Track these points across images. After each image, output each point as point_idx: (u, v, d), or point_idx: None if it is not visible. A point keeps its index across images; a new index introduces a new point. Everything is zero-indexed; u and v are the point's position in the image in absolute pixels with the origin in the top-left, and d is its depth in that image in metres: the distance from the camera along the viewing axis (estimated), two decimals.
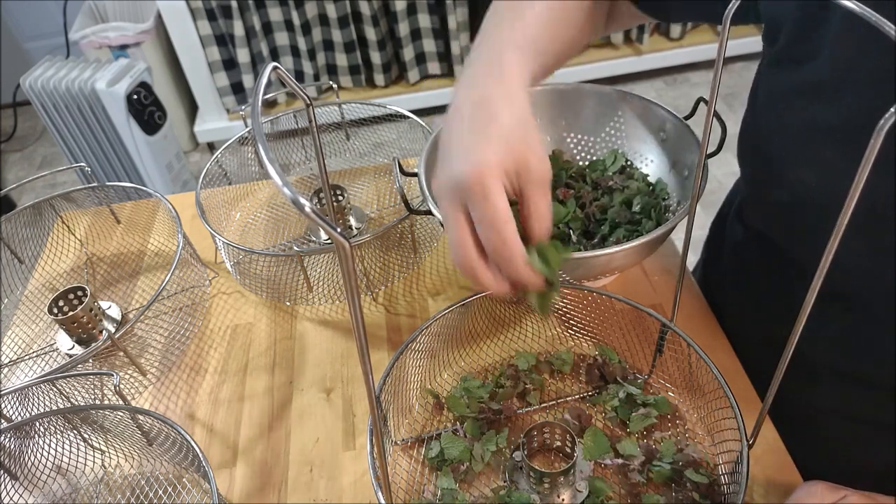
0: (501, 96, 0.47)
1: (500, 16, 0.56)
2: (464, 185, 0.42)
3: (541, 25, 0.56)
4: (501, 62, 0.50)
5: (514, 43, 0.52)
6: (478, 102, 0.47)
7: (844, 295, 0.54)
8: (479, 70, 0.50)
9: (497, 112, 0.45)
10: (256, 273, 0.76)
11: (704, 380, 0.57)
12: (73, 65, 2.02)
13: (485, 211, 0.42)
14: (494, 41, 0.53)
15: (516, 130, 0.45)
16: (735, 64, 2.63)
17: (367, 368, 0.35)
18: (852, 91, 0.46)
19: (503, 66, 0.50)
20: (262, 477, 0.62)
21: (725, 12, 0.38)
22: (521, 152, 0.44)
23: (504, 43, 0.52)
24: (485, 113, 0.45)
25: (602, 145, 0.79)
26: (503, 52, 0.51)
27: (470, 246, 0.43)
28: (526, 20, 0.55)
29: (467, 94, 0.48)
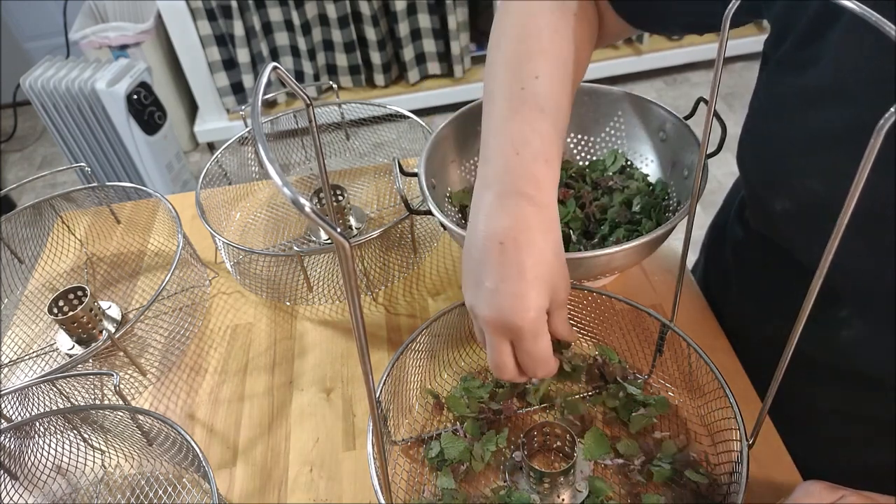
0: (542, 227, 0.47)
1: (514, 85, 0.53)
2: (514, 327, 0.45)
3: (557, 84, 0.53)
4: (536, 178, 0.48)
5: (544, 152, 0.49)
6: (520, 233, 0.46)
7: (846, 295, 0.54)
8: (510, 181, 0.48)
9: (542, 248, 0.46)
10: (256, 273, 0.76)
11: (704, 380, 0.57)
12: (73, 65, 2.02)
13: (534, 350, 0.46)
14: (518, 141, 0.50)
15: (557, 266, 0.47)
16: (735, 64, 2.63)
17: (367, 368, 0.35)
18: (859, 97, 0.46)
19: (538, 183, 0.48)
20: (262, 477, 0.62)
21: (725, 12, 0.38)
22: (558, 286, 0.47)
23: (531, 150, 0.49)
24: (531, 248, 0.46)
25: (602, 145, 0.79)
26: (536, 165, 0.49)
27: (513, 368, 0.48)
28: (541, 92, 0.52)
29: (504, 211, 0.47)
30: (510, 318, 0.45)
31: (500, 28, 0.58)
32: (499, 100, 0.53)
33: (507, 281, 0.45)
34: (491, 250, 0.46)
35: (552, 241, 0.47)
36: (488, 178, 0.49)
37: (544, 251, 0.46)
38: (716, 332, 0.69)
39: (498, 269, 0.45)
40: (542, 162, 0.49)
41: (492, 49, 0.57)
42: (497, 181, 0.49)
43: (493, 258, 0.46)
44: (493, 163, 0.50)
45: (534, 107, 0.51)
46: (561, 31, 0.55)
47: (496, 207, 0.47)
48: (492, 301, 0.45)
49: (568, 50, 0.55)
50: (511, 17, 0.57)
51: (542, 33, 0.55)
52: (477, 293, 0.47)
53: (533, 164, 0.49)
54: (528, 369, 0.48)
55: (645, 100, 0.74)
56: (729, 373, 0.65)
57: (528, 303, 0.45)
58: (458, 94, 2.46)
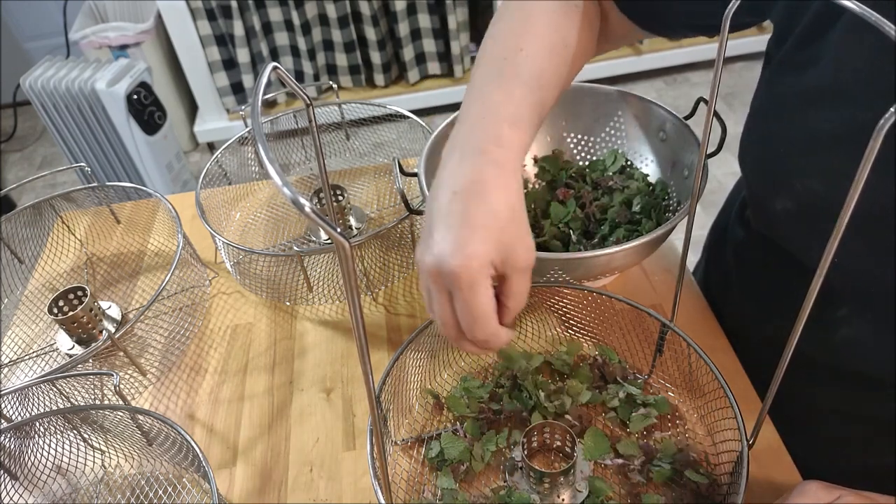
0: (497, 183, 0.46)
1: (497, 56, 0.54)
2: (451, 275, 0.43)
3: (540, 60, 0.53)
4: (499, 138, 0.48)
5: (511, 115, 0.50)
6: (473, 184, 0.45)
7: (845, 295, 0.54)
8: (474, 141, 0.48)
9: (492, 201, 0.45)
10: (256, 273, 0.76)
11: (704, 380, 0.57)
12: (73, 65, 2.02)
13: (469, 304, 0.44)
14: (489, 104, 0.50)
15: (509, 222, 0.45)
16: (735, 64, 2.63)
17: (367, 368, 0.35)
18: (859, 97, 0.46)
19: (501, 142, 0.48)
20: (262, 477, 0.62)
21: (725, 12, 0.38)
22: (511, 244, 0.45)
23: (500, 112, 0.50)
24: (480, 200, 0.45)
25: (602, 145, 0.79)
26: (500, 126, 0.49)
27: (454, 325, 0.46)
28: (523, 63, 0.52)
29: (461, 168, 0.47)
30: (447, 263, 0.43)
31: (497, 18, 0.59)
32: (481, 68, 0.54)
33: (451, 229, 0.44)
34: (442, 201, 0.46)
35: (507, 198, 0.46)
36: (455, 139, 0.50)
37: (496, 205, 0.45)
38: (716, 332, 0.69)
39: (446, 219, 0.45)
40: (508, 124, 0.49)
41: (489, 31, 0.58)
42: (462, 141, 0.49)
43: (443, 208, 0.45)
44: (462, 124, 0.50)
45: (512, 75, 0.51)
46: (557, 22, 0.56)
47: (457, 164, 0.47)
48: (434, 248, 0.44)
49: (560, 38, 0.55)
50: (510, 10, 0.58)
51: (539, 20, 0.55)
52: (424, 245, 0.46)
53: (498, 126, 0.48)
54: (466, 326, 0.45)
55: (645, 100, 0.74)
56: (729, 373, 0.65)
57: (467, 250, 0.43)
58: (458, 94, 2.46)
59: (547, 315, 0.69)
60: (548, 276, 0.63)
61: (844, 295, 0.54)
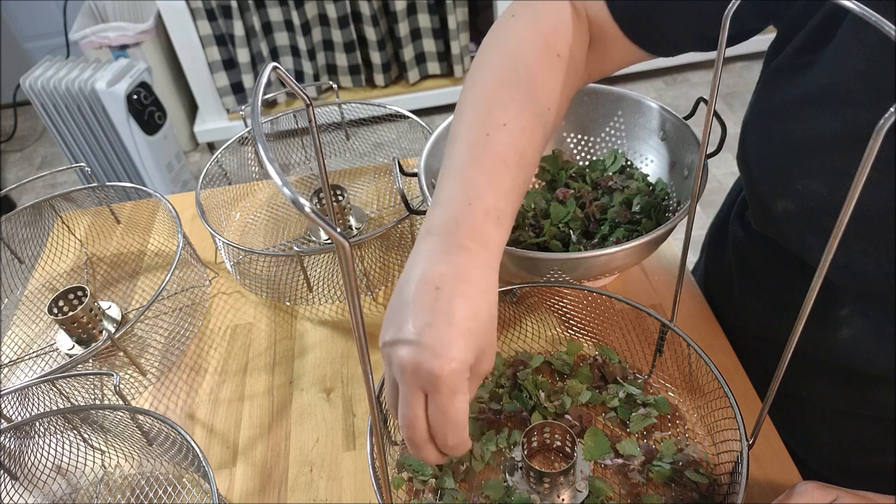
0: (482, 285, 0.44)
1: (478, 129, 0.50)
2: (433, 377, 0.41)
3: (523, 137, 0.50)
4: (484, 236, 0.45)
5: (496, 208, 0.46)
6: (458, 283, 0.43)
7: (847, 294, 0.54)
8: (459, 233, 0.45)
9: (477, 304, 0.43)
10: (256, 273, 0.76)
11: (704, 380, 0.57)
12: (73, 65, 2.02)
13: (449, 409, 0.41)
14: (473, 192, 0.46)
15: (488, 328, 0.44)
16: (735, 64, 2.63)
17: (367, 368, 0.35)
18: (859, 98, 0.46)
19: (486, 241, 0.45)
20: (262, 477, 0.62)
21: (725, 12, 0.38)
22: (484, 350, 0.43)
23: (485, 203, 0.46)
24: (465, 300, 0.42)
25: (602, 145, 0.79)
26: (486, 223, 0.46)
27: (424, 429, 0.43)
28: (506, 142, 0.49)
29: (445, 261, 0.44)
30: (430, 364, 0.40)
31: (479, 63, 0.55)
32: (461, 142, 0.50)
33: (434, 326, 0.41)
34: (424, 293, 0.42)
35: (489, 302, 0.44)
36: (434, 224, 0.46)
37: (480, 308, 0.43)
38: (716, 332, 0.69)
39: (428, 314, 0.42)
40: (494, 219, 0.46)
41: (467, 84, 0.54)
42: (443, 229, 0.45)
43: (424, 301, 0.42)
44: (443, 209, 0.46)
45: (495, 156, 0.48)
46: (540, 76, 0.53)
47: (437, 254, 0.44)
48: (413, 344, 0.41)
49: (545, 97, 0.52)
50: (492, 54, 0.54)
51: (520, 76, 0.52)
52: (398, 335, 0.42)
53: (483, 220, 0.45)
54: (438, 431, 0.42)
55: (645, 100, 0.74)
56: (729, 373, 0.65)
57: (453, 352, 0.40)
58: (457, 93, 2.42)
59: (547, 315, 0.69)
60: (548, 276, 0.63)
61: (846, 294, 0.54)
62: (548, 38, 0.54)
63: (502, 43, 0.55)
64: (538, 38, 0.54)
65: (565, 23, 0.55)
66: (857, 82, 0.46)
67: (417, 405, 0.42)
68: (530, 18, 0.55)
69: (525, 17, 0.56)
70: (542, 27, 0.54)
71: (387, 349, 0.43)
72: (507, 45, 0.54)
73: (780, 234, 0.58)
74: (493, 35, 0.56)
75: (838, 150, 0.47)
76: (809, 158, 0.50)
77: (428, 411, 0.42)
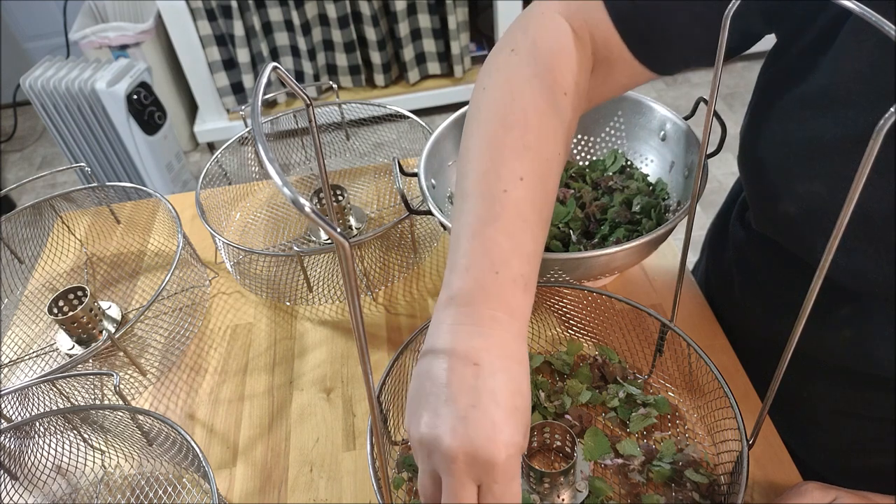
0: (522, 360, 0.41)
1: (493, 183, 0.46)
2: (489, 466, 0.37)
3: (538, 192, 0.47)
4: (513, 306, 0.43)
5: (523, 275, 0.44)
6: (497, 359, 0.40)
7: (849, 295, 0.54)
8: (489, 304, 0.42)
9: (519, 381, 0.40)
10: (256, 273, 0.76)
11: (704, 380, 0.57)
12: (73, 65, 2.02)
13: (506, 496, 0.38)
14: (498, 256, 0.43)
15: (526, 405, 0.41)
16: (735, 64, 2.63)
17: (367, 368, 0.35)
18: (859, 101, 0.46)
19: (514, 311, 0.43)
20: (262, 477, 0.62)
21: (726, 12, 0.38)
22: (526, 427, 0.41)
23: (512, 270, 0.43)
24: (508, 378, 0.40)
25: (602, 145, 0.79)
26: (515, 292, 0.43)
27: None
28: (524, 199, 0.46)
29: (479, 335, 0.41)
30: (485, 452, 0.37)
31: (479, 104, 0.52)
32: (475, 197, 0.46)
33: (480, 408, 0.38)
34: (461, 371, 0.39)
35: (526, 374, 0.42)
36: (458, 293, 0.43)
37: (521, 382, 0.40)
38: (716, 332, 0.69)
39: (470, 394, 0.38)
40: (521, 287, 0.43)
41: (469, 127, 0.51)
42: (470, 300, 0.42)
43: (464, 380, 0.39)
44: (467, 277, 0.43)
45: (516, 215, 0.45)
46: (546, 116, 0.49)
47: (467, 326, 0.41)
48: (461, 429, 0.37)
49: (557, 140, 0.49)
50: (492, 94, 0.51)
51: (528, 121, 0.48)
52: (437, 421, 0.38)
53: (512, 290, 0.43)
54: None
55: (645, 100, 0.74)
56: (729, 373, 0.65)
57: (506, 436, 0.38)
58: (458, 94, 2.46)
59: (547, 315, 0.69)
60: (548, 276, 0.63)
61: (847, 295, 0.54)
62: (553, 75, 0.51)
63: (503, 83, 0.51)
64: (543, 75, 0.50)
65: (568, 52, 0.52)
66: (857, 84, 0.46)
67: (469, 497, 0.38)
68: (531, 52, 0.52)
69: (525, 51, 0.52)
70: (546, 62, 0.51)
71: (424, 438, 0.39)
72: (511, 86, 0.50)
73: (781, 235, 0.58)
74: (493, 72, 0.53)
75: (839, 153, 0.47)
76: (810, 161, 0.50)
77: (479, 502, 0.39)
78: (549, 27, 0.53)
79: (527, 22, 0.54)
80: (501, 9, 2.32)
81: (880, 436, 0.61)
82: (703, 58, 0.53)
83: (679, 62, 0.55)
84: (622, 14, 0.52)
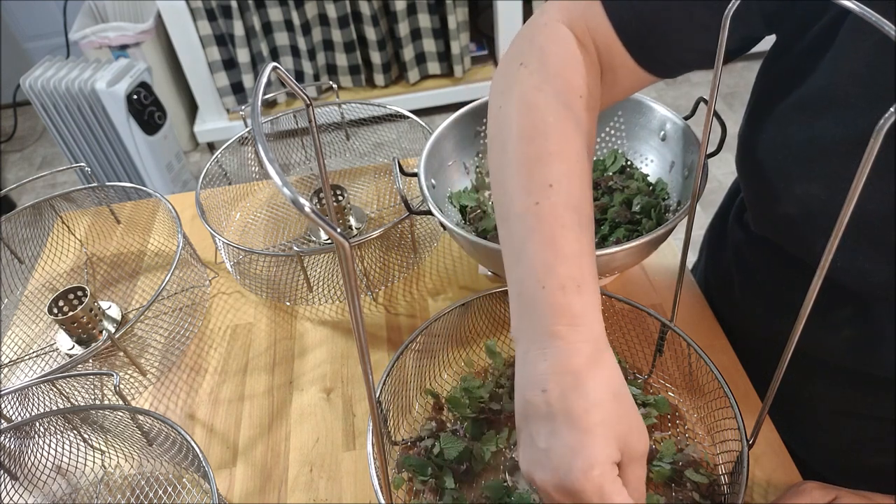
0: (589, 368, 0.40)
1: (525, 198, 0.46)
2: (574, 490, 0.38)
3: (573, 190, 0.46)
4: (570, 314, 0.41)
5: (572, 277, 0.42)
6: (563, 378, 0.39)
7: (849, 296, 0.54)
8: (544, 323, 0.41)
9: (592, 392, 0.39)
10: (256, 273, 0.76)
11: (704, 380, 0.57)
12: (73, 65, 2.02)
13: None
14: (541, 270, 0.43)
15: (617, 408, 0.40)
16: (735, 64, 2.63)
17: (367, 368, 0.35)
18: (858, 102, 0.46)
19: (574, 318, 0.41)
20: (262, 477, 0.62)
21: (725, 12, 0.38)
22: (624, 433, 0.40)
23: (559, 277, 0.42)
24: (579, 396, 0.39)
25: (602, 145, 0.79)
26: (567, 297, 0.42)
27: None
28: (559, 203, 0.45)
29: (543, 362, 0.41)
30: (568, 479, 0.37)
31: (497, 124, 0.52)
32: (514, 219, 0.46)
33: (557, 434, 0.38)
34: (534, 402, 0.40)
35: (604, 379, 0.40)
36: (518, 319, 0.43)
37: (596, 392, 0.39)
38: (716, 332, 0.69)
39: (546, 423, 0.39)
40: (573, 290, 0.42)
41: (493, 148, 0.51)
42: (527, 325, 0.42)
43: (537, 410, 0.40)
44: (520, 300, 0.44)
45: (553, 224, 0.44)
46: (564, 120, 0.49)
47: (532, 354, 0.41)
48: (546, 461, 0.39)
49: (578, 141, 0.48)
50: (508, 111, 0.51)
51: (548, 128, 0.48)
52: (531, 456, 0.40)
53: (561, 296, 0.42)
54: None
55: (645, 100, 0.74)
56: (729, 373, 0.65)
57: (587, 458, 0.37)
58: (458, 94, 2.46)
59: None
60: None
61: (847, 296, 0.54)
62: (565, 81, 0.51)
63: (518, 98, 0.50)
64: (555, 82, 0.50)
65: (576, 58, 0.52)
66: (855, 86, 0.46)
67: None
68: (540, 62, 0.51)
69: (535, 62, 0.52)
70: (556, 69, 0.51)
71: (525, 474, 0.41)
72: (525, 99, 0.50)
73: (781, 236, 0.58)
74: (505, 89, 0.52)
75: (838, 154, 0.47)
76: (809, 163, 0.50)
77: None
78: (554, 36, 0.53)
79: (531, 33, 0.54)
80: (501, 9, 2.32)
81: (881, 435, 0.61)
82: (705, 61, 0.53)
83: (680, 65, 0.55)
84: (623, 20, 0.52)
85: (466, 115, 0.73)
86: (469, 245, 0.62)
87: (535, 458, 0.39)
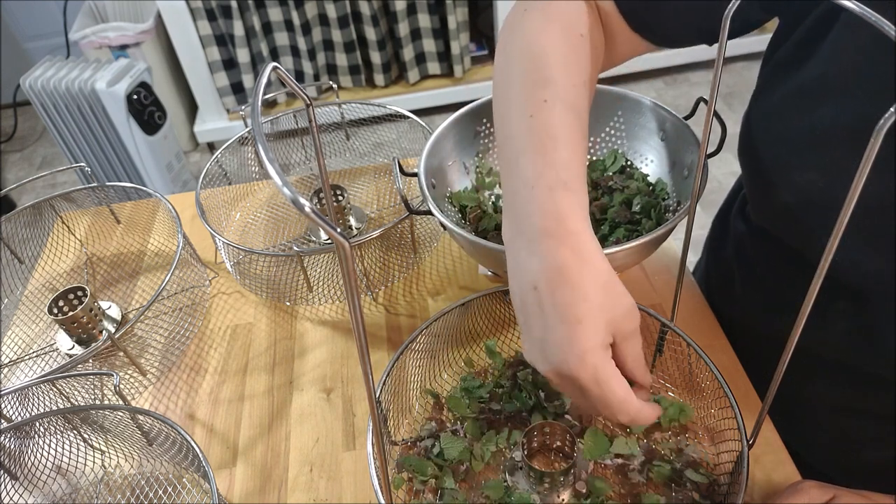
0: (576, 263, 0.42)
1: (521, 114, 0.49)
2: (574, 378, 0.41)
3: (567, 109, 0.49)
4: (557, 211, 0.43)
5: (559, 178, 0.45)
6: (552, 274, 0.42)
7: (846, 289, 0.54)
8: (533, 222, 0.44)
9: (579, 285, 0.41)
10: (256, 273, 0.76)
11: (704, 380, 0.57)
12: (73, 65, 2.02)
13: (601, 398, 0.42)
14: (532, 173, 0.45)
15: (605, 297, 0.42)
16: (735, 64, 2.63)
17: (367, 368, 0.35)
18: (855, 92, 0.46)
19: (560, 214, 0.43)
20: (262, 477, 0.62)
21: (725, 12, 0.38)
22: (614, 318, 0.42)
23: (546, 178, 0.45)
24: (567, 289, 0.41)
25: (602, 145, 0.79)
26: (553, 196, 0.44)
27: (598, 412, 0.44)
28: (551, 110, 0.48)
29: (533, 258, 0.43)
30: (563, 369, 0.41)
31: (505, 50, 0.55)
32: (510, 135, 0.50)
33: (550, 329, 0.41)
34: (527, 298, 0.43)
35: (591, 272, 0.42)
36: (510, 223, 0.46)
37: (583, 286, 0.41)
38: (716, 331, 0.69)
39: (539, 318, 0.42)
40: (560, 190, 0.44)
41: (498, 75, 0.55)
42: (517, 224, 0.45)
43: (531, 307, 0.42)
44: (511, 204, 0.46)
45: (544, 136, 0.47)
46: (569, 52, 0.52)
47: (523, 252, 0.44)
48: (543, 353, 0.42)
49: (577, 71, 0.52)
50: (517, 39, 0.55)
51: (550, 57, 0.52)
52: (531, 347, 0.44)
53: (549, 195, 0.44)
54: (607, 415, 0.43)
55: (645, 100, 0.74)
56: (729, 373, 0.65)
57: (577, 347, 0.40)
58: (458, 93, 2.46)
59: None
60: None
61: (843, 289, 0.55)
62: (566, 20, 0.54)
63: (520, 37, 0.54)
64: (557, 20, 0.54)
65: (580, 7, 0.56)
66: (852, 73, 0.46)
67: (581, 398, 0.43)
68: (544, 8, 0.55)
69: (538, 8, 0.56)
70: (558, 14, 0.55)
71: (531, 363, 0.45)
72: (527, 37, 0.54)
73: (780, 227, 0.58)
74: (509, 31, 0.56)
75: (834, 142, 0.48)
76: (807, 150, 0.50)
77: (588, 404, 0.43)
78: None
79: None
80: (501, 9, 2.32)
81: (880, 434, 0.61)
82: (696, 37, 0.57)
83: (677, 37, 0.58)
84: None
85: (466, 115, 0.73)
86: (469, 245, 0.62)
87: (537, 350, 0.43)
